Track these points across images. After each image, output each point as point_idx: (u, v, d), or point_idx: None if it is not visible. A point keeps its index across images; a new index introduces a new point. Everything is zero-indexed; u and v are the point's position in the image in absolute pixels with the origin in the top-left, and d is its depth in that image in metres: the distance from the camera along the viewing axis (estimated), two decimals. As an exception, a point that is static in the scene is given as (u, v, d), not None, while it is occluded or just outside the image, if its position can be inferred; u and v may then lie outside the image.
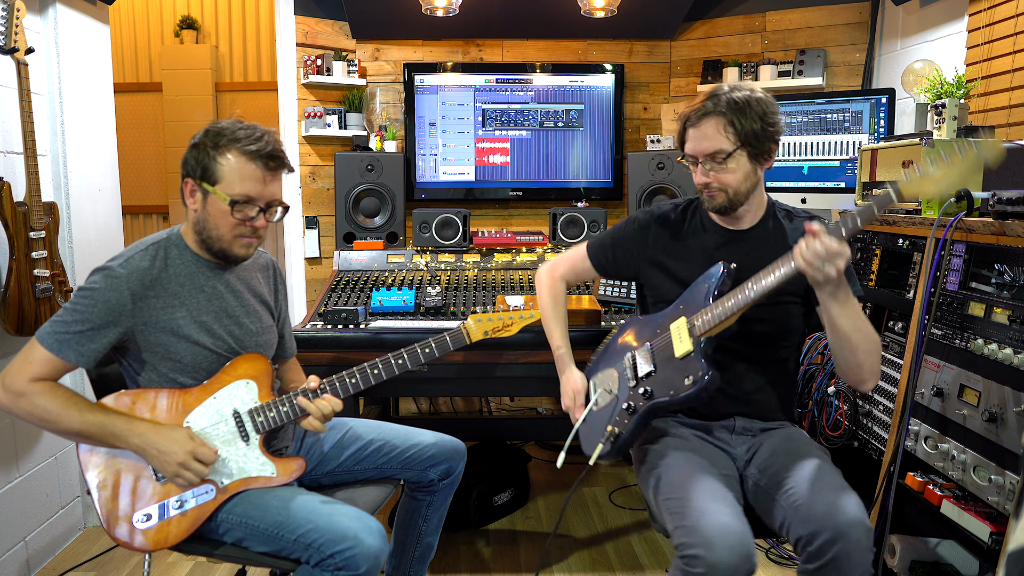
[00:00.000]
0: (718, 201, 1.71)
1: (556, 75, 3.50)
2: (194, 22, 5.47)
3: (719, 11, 3.56)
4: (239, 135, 1.57)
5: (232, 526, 1.60)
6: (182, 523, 1.56)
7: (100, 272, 1.56)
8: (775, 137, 1.70)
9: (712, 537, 1.38)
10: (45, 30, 2.51)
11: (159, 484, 1.57)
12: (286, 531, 1.54)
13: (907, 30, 3.03)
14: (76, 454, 1.62)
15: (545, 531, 2.71)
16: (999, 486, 1.64)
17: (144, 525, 1.54)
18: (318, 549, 1.51)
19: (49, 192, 2.52)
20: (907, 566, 1.97)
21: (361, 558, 1.49)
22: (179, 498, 1.56)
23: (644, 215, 1.90)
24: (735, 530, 1.41)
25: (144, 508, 1.55)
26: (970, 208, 1.86)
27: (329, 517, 1.54)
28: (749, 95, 1.67)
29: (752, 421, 1.78)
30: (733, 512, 1.46)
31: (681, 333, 1.65)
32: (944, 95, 2.36)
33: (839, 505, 1.43)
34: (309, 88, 3.53)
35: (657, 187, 3.22)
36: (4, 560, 2.25)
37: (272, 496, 1.60)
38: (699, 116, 1.68)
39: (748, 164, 1.68)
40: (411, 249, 3.03)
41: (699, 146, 1.69)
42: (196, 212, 1.61)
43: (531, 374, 2.33)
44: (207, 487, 1.57)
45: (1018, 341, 1.65)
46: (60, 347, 1.52)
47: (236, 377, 1.64)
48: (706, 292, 1.66)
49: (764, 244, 1.76)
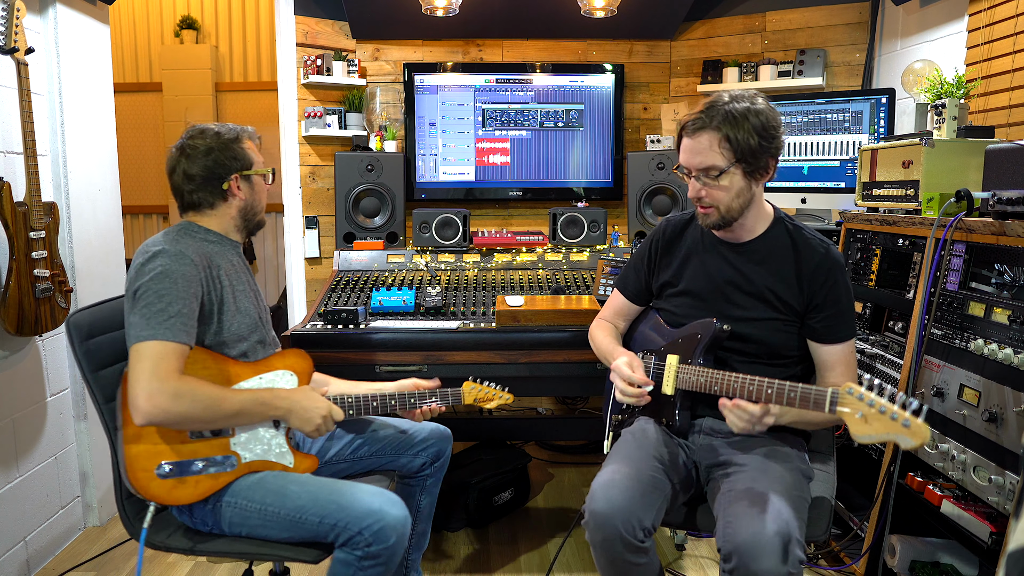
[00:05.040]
0: (711, 219, 1.68)
1: (556, 75, 3.50)
2: (194, 22, 5.47)
3: (719, 11, 3.56)
4: (232, 129, 1.76)
5: (249, 514, 1.60)
6: (199, 485, 1.59)
7: (158, 256, 1.57)
8: (774, 153, 1.64)
9: (595, 490, 1.54)
10: (45, 30, 2.51)
11: (189, 440, 1.60)
12: (309, 514, 1.56)
13: (907, 30, 3.03)
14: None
15: (545, 531, 2.71)
16: (999, 486, 1.64)
17: (162, 472, 1.56)
18: (345, 528, 1.54)
19: (49, 192, 2.52)
20: (907, 566, 1.97)
21: (389, 529, 1.54)
22: (204, 459, 1.59)
23: (651, 232, 1.92)
24: (619, 488, 1.52)
25: (168, 460, 1.57)
26: (970, 208, 1.86)
27: (351, 495, 1.58)
28: (748, 107, 1.60)
29: (718, 422, 1.72)
30: (626, 477, 1.55)
31: (671, 373, 1.71)
32: (944, 95, 2.36)
33: (761, 544, 1.38)
34: (309, 88, 3.53)
35: (657, 187, 3.22)
36: (4, 560, 2.25)
37: (289, 481, 1.63)
38: (695, 128, 1.63)
39: (742, 181, 1.63)
40: (411, 249, 3.03)
41: (692, 160, 1.64)
42: (244, 200, 1.76)
43: (531, 374, 2.33)
44: (231, 458, 1.61)
45: (1018, 341, 1.65)
46: (175, 333, 1.52)
47: (283, 367, 1.72)
48: (697, 344, 1.69)
49: (765, 258, 1.71)
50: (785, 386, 1.46)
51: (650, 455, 1.65)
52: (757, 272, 1.71)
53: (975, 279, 1.88)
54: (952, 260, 1.93)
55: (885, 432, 1.26)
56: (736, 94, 1.65)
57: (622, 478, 1.55)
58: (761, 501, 1.47)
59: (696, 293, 1.77)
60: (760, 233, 1.73)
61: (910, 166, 2.19)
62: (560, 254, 3.02)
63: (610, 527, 1.49)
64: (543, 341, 2.30)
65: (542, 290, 2.69)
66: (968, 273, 1.89)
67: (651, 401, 1.74)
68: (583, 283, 2.76)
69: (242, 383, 1.66)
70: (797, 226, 1.73)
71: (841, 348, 1.67)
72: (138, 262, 1.58)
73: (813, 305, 1.67)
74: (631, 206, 3.27)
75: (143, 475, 1.56)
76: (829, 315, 1.66)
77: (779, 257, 1.70)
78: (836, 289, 1.66)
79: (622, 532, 1.48)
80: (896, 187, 2.25)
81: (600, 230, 3.10)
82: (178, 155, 1.70)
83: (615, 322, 1.98)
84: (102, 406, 1.64)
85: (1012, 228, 1.68)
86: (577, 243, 3.10)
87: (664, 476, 1.62)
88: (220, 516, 1.61)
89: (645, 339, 1.90)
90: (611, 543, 1.50)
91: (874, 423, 1.27)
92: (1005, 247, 1.76)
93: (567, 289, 2.68)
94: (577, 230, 3.11)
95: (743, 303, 1.71)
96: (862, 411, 1.29)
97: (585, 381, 2.36)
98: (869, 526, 2.11)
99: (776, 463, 1.61)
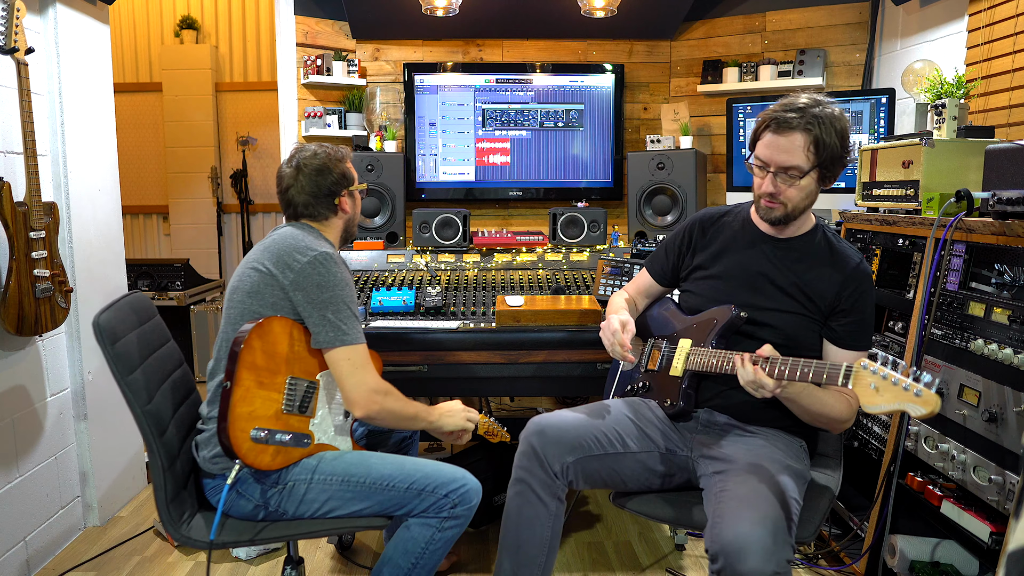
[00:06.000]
0: (776, 214, 1.70)
1: (556, 75, 3.50)
2: (194, 22, 5.47)
3: (719, 11, 3.56)
4: (337, 149, 1.92)
5: (328, 485, 1.71)
6: (278, 455, 1.69)
7: (324, 261, 1.71)
8: (847, 163, 1.69)
9: (536, 419, 1.73)
10: (45, 30, 2.51)
11: (282, 415, 1.71)
12: (398, 481, 1.72)
13: (907, 30, 3.03)
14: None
15: (545, 531, 2.71)
16: (999, 486, 1.64)
17: (256, 436, 1.66)
18: (432, 492, 1.71)
19: (49, 192, 2.52)
20: (907, 566, 1.97)
21: (473, 492, 1.74)
22: (289, 432, 1.71)
23: (688, 220, 1.95)
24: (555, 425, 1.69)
25: (262, 426, 1.68)
26: (970, 208, 1.86)
27: (433, 465, 1.77)
28: (833, 112, 1.63)
29: (716, 414, 1.77)
30: (568, 420, 1.70)
31: (681, 356, 1.76)
32: (944, 95, 2.36)
33: (747, 544, 1.38)
34: (309, 88, 3.53)
35: (657, 187, 3.22)
36: (4, 560, 2.25)
37: (367, 456, 1.79)
38: (785, 126, 1.62)
39: (814, 184, 1.67)
40: (411, 249, 3.03)
41: (776, 156, 1.64)
42: (349, 213, 1.93)
43: (531, 374, 2.33)
44: (307, 436, 1.74)
45: (1018, 341, 1.65)
46: (362, 335, 1.75)
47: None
48: (713, 328, 1.72)
49: (801, 257, 1.75)
50: (800, 362, 1.47)
51: (617, 419, 1.74)
52: (791, 267, 1.74)
53: (975, 279, 1.88)
54: (952, 260, 1.93)
55: (896, 401, 1.26)
56: (816, 98, 1.65)
57: (569, 415, 1.71)
58: (749, 501, 1.47)
59: (726, 279, 1.80)
60: (802, 234, 1.78)
61: (910, 166, 2.19)
62: (560, 254, 3.02)
63: (531, 440, 1.67)
64: (543, 341, 2.30)
65: (542, 290, 2.69)
66: (968, 273, 1.89)
67: (657, 382, 1.81)
68: (583, 283, 2.76)
69: (327, 370, 1.78)
70: (836, 235, 1.79)
71: (855, 356, 1.67)
72: (303, 261, 1.70)
73: (839, 309, 1.70)
74: (631, 206, 3.27)
75: (240, 435, 1.64)
76: (852, 321, 1.69)
77: (815, 257, 1.74)
78: (864, 299, 1.70)
79: (539, 449, 1.65)
80: (896, 187, 2.25)
81: (600, 230, 3.10)
82: (295, 173, 1.85)
83: (636, 298, 2.04)
84: (140, 410, 1.67)
85: (1012, 228, 1.68)
86: (577, 243, 3.10)
87: (619, 441, 1.71)
88: (291, 493, 1.71)
89: (658, 322, 1.95)
90: (527, 457, 1.68)
91: (885, 393, 1.28)
92: (1005, 247, 1.76)
93: (567, 289, 2.68)
94: (577, 230, 3.11)
95: (771, 294, 1.74)
96: (875, 383, 1.31)
97: (585, 381, 2.36)
98: (869, 526, 2.11)
99: (768, 463, 1.62)
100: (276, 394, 1.70)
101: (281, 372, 1.70)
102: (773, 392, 1.51)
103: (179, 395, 1.88)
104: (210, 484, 1.75)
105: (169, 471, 1.69)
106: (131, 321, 1.78)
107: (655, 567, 2.44)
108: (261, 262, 1.74)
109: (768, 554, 1.37)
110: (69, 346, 2.61)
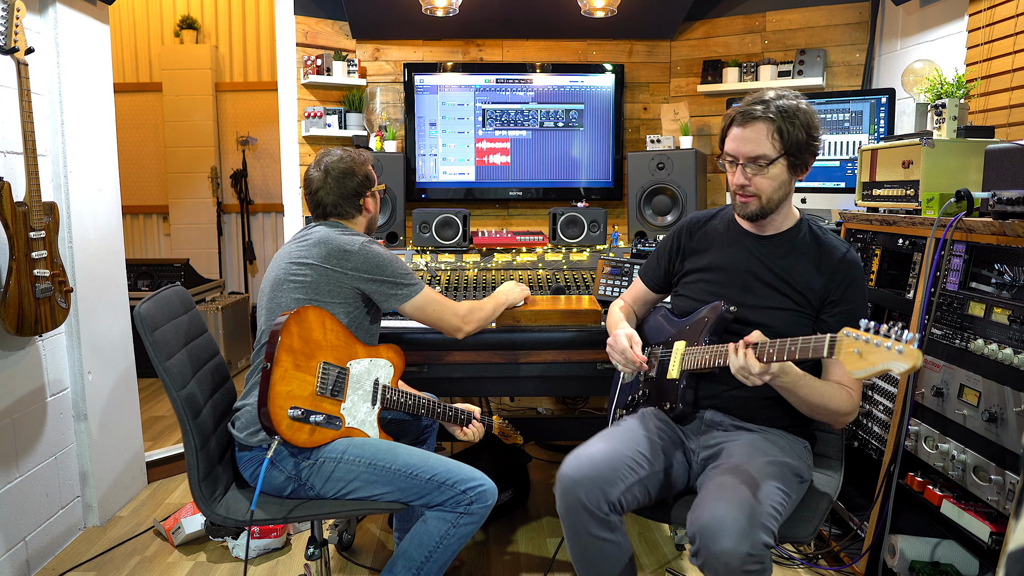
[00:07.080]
0: (751, 208, 1.72)
1: (556, 75, 3.50)
2: (194, 22, 5.47)
3: (719, 11, 3.56)
4: (361, 152, 2.06)
5: (356, 467, 1.80)
6: (312, 434, 1.80)
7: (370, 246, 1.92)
8: (815, 151, 1.70)
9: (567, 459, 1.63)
10: (45, 30, 2.51)
11: (316, 396, 1.81)
12: (421, 471, 1.80)
13: (907, 30, 3.03)
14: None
15: (545, 531, 2.71)
16: (999, 486, 1.64)
17: (293, 414, 1.76)
18: (452, 486, 1.78)
19: (49, 192, 2.52)
20: (907, 566, 1.97)
21: (489, 493, 1.82)
22: (323, 413, 1.81)
23: (676, 225, 1.98)
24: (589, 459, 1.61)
25: (299, 406, 1.78)
26: (970, 208, 1.86)
27: (455, 463, 1.85)
28: (797, 104, 1.66)
29: (719, 414, 1.78)
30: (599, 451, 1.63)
31: (676, 358, 1.78)
32: (944, 95, 2.36)
33: (721, 524, 1.38)
34: (309, 88, 3.53)
35: (657, 187, 3.22)
36: (4, 560, 2.25)
37: (395, 445, 1.88)
38: (747, 118, 1.67)
39: (785, 173, 1.69)
40: (411, 249, 3.03)
41: (743, 148, 1.68)
42: (372, 212, 2.10)
43: (531, 374, 2.33)
44: (338, 419, 1.84)
45: (1018, 341, 1.65)
46: (423, 283, 1.98)
47: (386, 356, 2.00)
48: (705, 327, 1.73)
49: (787, 252, 1.75)
50: (786, 342, 1.48)
51: (635, 438, 1.70)
52: (779, 263, 1.75)
53: (975, 279, 1.88)
54: (952, 260, 1.93)
55: (879, 362, 1.27)
56: (781, 91, 1.69)
57: (595, 451, 1.63)
58: (729, 486, 1.48)
59: (716, 279, 1.81)
60: (785, 229, 1.78)
61: (910, 166, 2.19)
62: (560, 254, 3.02)
63: (572, 495, 1.56)
64: (543, 341, 2.30)
65: (542, 290, 2.69)
66: (968, 273, 1.89)
67: (656, 388, 1.81)
68: (583, 283, 2.76)
69: (358, 359, 1.92)
70: (821, 228, 1.79)
71: None
72: (356, 251, 1.89)
73: (829, 300, 1.70)
74: (631, 206, 3.27)
75: (279, 412, 1.74)
76: (843, 311, 1.69)
77: (801, 252, 1.75)
78: (853, 288, 1.70)
79: (584, 500, 1.55)
80: (896, 187, 2.25)
81: (600, 230, 3.10)
82: (324, 177, 1.99)
83: (633, 307, 2.06)
84: (176, 393, 1.77)
85: (1012, 228, 1.68)
86: (577, 243, 3.10)
87: (645, 461, 1.65)
88: (321, 468, 1.80)
89: (654, 331, 1.96)
90: (575, 511, 1.57)
91: (869, 356, 1.29)
92: (1005, 247, 1.76)
93: (567, 289, 2.68)
94: (577, 230, 3.11)
95: (761, 292, 1.75)
96: (858, 348, 1.31)
97: (585, 381, 2.36)
98: (869, 526, 2.11)
99: (760, 456, 1.62)
100: (311, 376, 1.81)
101: (315, 357, 1.82)
102: (761, 377, 1.50)
103: (215, 381, 2.01)
104: (246, 456, 1.85)
105: (202, 451, 1.80)
106: (170, 311, 1.90)
107: (655, 567, 2.44)
108: (310, 258, 1.89)
109: (743, 535, 1.37)
110: (69, 346, 2.61)
